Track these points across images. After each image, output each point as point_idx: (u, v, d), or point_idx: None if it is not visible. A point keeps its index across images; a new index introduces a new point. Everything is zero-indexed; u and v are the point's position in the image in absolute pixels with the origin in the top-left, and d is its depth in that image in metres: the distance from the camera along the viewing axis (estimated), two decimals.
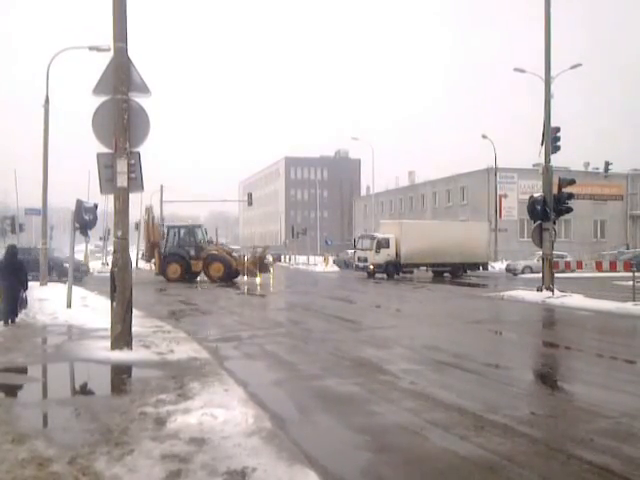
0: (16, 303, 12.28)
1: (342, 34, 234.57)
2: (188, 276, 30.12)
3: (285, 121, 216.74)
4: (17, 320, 12.30)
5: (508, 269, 39.00)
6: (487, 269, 37.84)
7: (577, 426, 5.88)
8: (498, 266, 41.82)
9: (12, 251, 12.62)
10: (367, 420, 6.08)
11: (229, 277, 30.11)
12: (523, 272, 37.05)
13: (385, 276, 33.74)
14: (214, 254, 30.61)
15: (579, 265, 31.35)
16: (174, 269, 30.24)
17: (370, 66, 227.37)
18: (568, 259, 36.79)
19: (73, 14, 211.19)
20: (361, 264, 35.67)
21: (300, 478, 4.23)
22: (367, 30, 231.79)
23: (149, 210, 32.69)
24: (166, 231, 32.21)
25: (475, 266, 36.62)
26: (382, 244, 34.30)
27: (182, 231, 31.85)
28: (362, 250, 35.61)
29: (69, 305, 14.48)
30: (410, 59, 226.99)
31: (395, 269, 34.47)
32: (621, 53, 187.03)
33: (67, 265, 24.75)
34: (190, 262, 30.36)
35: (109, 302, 9.40)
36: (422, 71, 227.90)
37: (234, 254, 32.35)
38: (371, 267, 34.18)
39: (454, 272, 35.18)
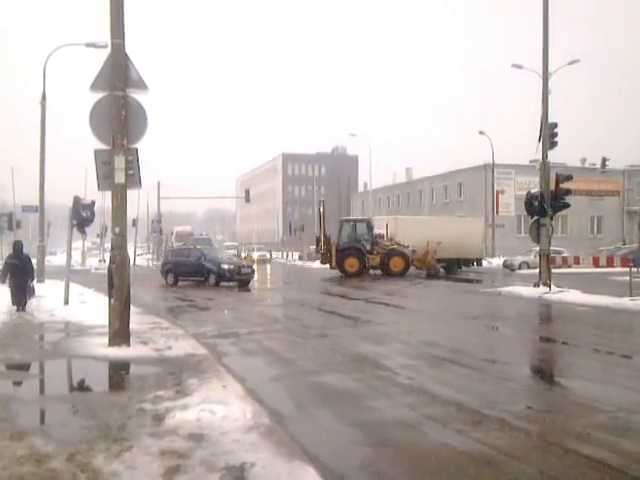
0: (25, 292, 13.77)
1: (339, 31, 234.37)
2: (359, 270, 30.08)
3: (282, 118, 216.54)
4: (26, 307, 13.68)
5: (505, 265, 39.06)
6: (481, 265, 37.77)
7: (574, 420, 5.89)
8: (495, 262, 41.85)
9: (19, 246, 14.19)
10: (365, 415, 6.09)
11: (405, 271, 30.12)
12: (520, 268, 37.10)
13: (380, 272, 33.07)
14: (395, 248, 30.54)
15: (576, 261, 31.42)
16: (352, 263, 30.13)
17: (367, 63, 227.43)
18: (565, 255, 36.81)
19: (71, 11, 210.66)
20: None
21: (299, 474, 4.24)
22: (364, 27, 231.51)
23: (323, 203, 32.45)
24: (340, 225, 32.02)
25: (469, 262, 36.50)
26: (378, 239, 33.53)
27: (358, 225, 31.69)
28: None
29: (66, 302, 14.48)
30: (407, 56, 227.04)
31: None
32: (618, 49, 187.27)
33: (225, 267, 23.93)
34: (367, 256, 30.25)
35: (107, 299, 9.40)
36: (419, 68, 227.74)
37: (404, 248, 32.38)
38: None
39: (448, 268, 35.04)
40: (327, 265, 31.97)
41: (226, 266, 24.08)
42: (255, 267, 26.56)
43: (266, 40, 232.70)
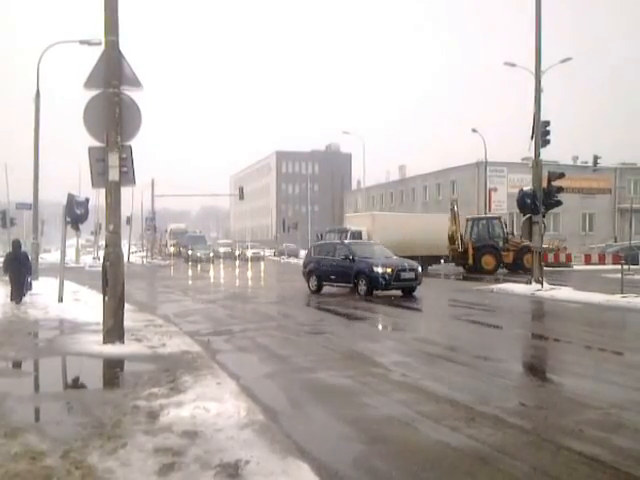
0: (23, 286, 14.90)
1: (333, 29, 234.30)
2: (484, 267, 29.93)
3: (276, 115, 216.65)
4: (24, 300, 14.69)
5: None
6: (449, 261, 37.15)
7: (567, 417, 5.93)
8: None
9: (17, 244, 15.48)
10: (359, 412, 6.11)
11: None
12: None
13: None
14: (527, 245, 30.27)
15: (568, 258, 31.55)
16: (488, 260, 30.13)
17: (361, 60, 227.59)
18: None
19: (65, 9, 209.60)
20: None
21: (293, 470, 4.25)
22: (358, 25, 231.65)
23: (456, 203, 32.33)
24: (470, 223, 32.03)
25: (438, 259, 35.80)
26: (356, 237, 32.23)
27: (490, 223, 31.49)
28: None
29: (61, 299, 14.47)
30: (401, 54, 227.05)
31: None
32: (610, 48, 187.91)
33: (379, 270, 18.06)
34: (501, 253, 30.12)
35: (101, 296, 9.40)
36: (413, 66, 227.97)
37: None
38: None
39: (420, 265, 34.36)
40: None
41: (380, 269, 18.17)
42: (420, 269, 19.69)
43: (260, 38, 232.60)
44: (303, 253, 57.24)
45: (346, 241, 20.57)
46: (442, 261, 36.27)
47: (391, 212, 51.39)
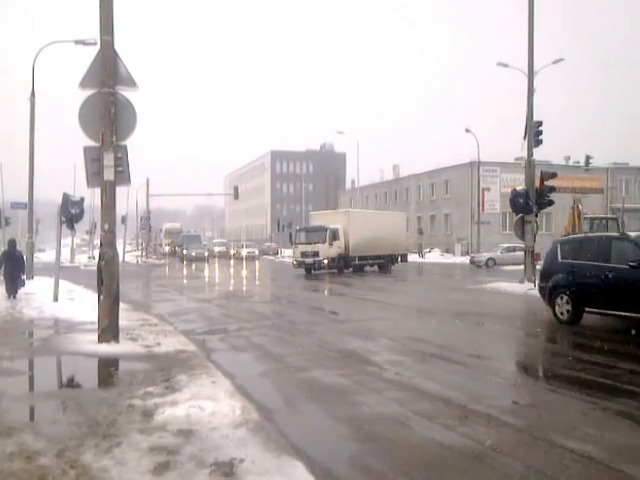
0: (17, 283, 15.58)
1: (328, 28, 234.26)
2: None
3: (271, 115, 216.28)
4: (19, 297, 15.37)
5: (472, 261, 39.45)
6: (406, 261, 37.04)
7: (560, 415, 5.96)
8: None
9: (12, 243, 16.20)
10: (353, 411, 6.14)
11: None
12: (487, 264, 37.36)
13: (335, 271, 31.13)
14: None
15: None
16: None
17: (356, 61, 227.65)
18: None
19: (61, 8, 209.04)
20: (309, 259, 31.19)
21: (288, 468, 4.27)
22: (353, 24, 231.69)
23: (579, 200, 32.20)
24: (588, 222, 31.39)
25: (396, 258, 35.69)
26: (336, 236, 31.32)
27: (607, 223, 31.36)
28: (309, 244, 31.58)
29: (56, 299, 14.44)
30: (396, 54, 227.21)
31: (345, 263, 31.89)
32: (602, 48, 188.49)
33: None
34: None
35: (96, 295, 9.40)
36: (408, 66, 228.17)
37: None
38: (325, 262, 30.71)
39: (384, 265, 34.03)
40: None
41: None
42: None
43: (255, 38, 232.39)
44: (286, 252, 57.54)
45: (633, 234, 12.42)
46: (399, 259, 35.99)
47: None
